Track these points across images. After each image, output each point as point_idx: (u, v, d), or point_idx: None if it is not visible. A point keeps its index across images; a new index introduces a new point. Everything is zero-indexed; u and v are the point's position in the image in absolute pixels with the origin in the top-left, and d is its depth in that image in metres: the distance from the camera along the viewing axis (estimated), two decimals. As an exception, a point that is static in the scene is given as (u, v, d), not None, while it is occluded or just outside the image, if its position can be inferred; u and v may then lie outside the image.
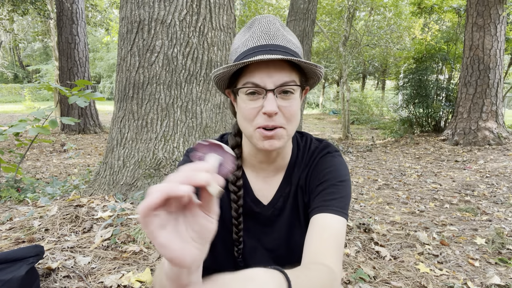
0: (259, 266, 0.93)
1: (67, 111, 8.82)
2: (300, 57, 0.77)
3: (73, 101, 2.91)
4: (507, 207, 3.33)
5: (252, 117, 0.74)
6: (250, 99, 0.74)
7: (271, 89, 0.71)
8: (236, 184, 0.86)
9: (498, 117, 6.89)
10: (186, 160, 0.88)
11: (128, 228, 2.02)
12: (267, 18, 0.77)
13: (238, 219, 0.86)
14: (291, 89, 0.73)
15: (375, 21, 12.78)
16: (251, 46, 0.74)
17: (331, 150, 0.89)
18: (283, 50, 0.73)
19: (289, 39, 0.76)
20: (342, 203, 0.81)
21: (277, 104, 0.72)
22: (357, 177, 4.98)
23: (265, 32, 0.74)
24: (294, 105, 0.75)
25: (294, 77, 0.74)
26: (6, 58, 32.56)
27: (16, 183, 3.05)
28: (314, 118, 18.73)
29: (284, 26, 0.80)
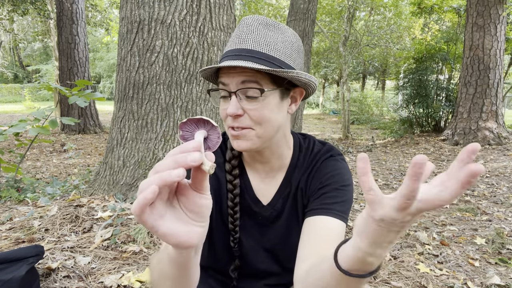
0: (257, 266, 0.93)
1: (67, 111, 8.82)
2: (275, 56, 0.74)
3: (73, 101, 2.91)
4: (507, 207, 3.33)
5: (223, 117, 0.78)
6: (223, 100, 0.78)
7: (232, 91, 0.73)
8: (232, 173, 0.87)
9: (498, 117, 6.89)
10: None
11: (128, 228, 2.02)
12: (247, 19, 0.77)
13: (234, 208, 0.87)
14: (254, 93, 0.72)
15: (375, 21, 12.78)
16: (225, 51, 0.77)
17: (334, 153, 0.89)
18: (248, 55, 0.72)
19: (266, 40, 0.74)
20: (343, 207, 0.81)
21: (240, 106, 0.73)
22: (357, 177, 4.98)
23: (237, 36, 0.76)
24: (262, 108, 0.74)
25: (260, 80, 0.72)
26: (6, 58, 32.55)
27: (16, 183, 3.05)
28: (314, 118, 18.73)
29: (271, 24, 0.76)
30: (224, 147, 0.91)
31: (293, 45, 0.78)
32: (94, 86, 29.27)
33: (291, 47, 0.77)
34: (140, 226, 2.01)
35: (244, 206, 0.89)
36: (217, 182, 0.88)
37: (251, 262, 0.91)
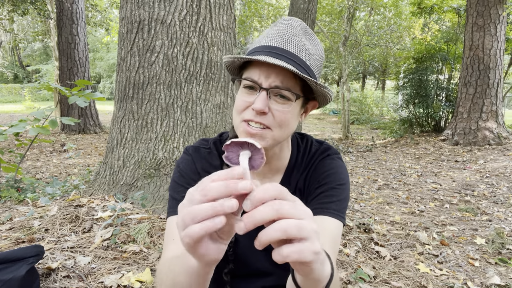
0: (254, 266, 0.92)
1: (67, 111, 8.82)
2: (310, 69, 0.75)
3: (73, 101, 2.91)
4: (507, 207, 3.33)
5: (241, 109, 0.75)
6: (246, 92, 0.75)
7: (265, 88, 0.72)
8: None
9: (498, 117, 6.89)
10: (185, 158, 0.89)
11: (128, 228, 2.02)
12: (290, 20, 0.76)
13: None
14: (286, 95, 0.72)
15: (375, 21, 12.78)
16: (263, 45, 0.75)
17: (331, 152, 0.89)
18: (290, 58, 0.72)
19: (306, 48, 0.75)
20: (339, 206, 0.82)
21: (267, 104, 0.72)
22: (357, 177, 4.98)
23: (280, 34, 0.74)
24: (287, 111, 0.73)
25: (293, 86, 0.73)
26: (6, 58, 32.55)
27: (16, 183, 3.05)
28: (314, 118, 18.72)
29: (310, 34, 0.78)
30: (220, 149, 0.90)
31: (322, 60, 0.81)
32: (94, 86, 29.26)
33: (321, 62, 0.80)
34: (140, 226, 2.01)
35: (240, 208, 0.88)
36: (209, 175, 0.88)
37: (248, 263, 0.91)
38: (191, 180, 0.85)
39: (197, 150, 0.90)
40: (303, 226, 0.42)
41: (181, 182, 0.86)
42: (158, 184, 2.46)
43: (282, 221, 0.42)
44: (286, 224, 0.41)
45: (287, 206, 0.43)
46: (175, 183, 0.87)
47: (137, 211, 2.25)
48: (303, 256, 0.42)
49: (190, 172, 0.87)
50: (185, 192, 0.80)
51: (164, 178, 2.47)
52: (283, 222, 0.42)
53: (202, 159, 0.89)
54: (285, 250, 0.42)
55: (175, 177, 0.88)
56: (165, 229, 1.29)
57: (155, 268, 1.70)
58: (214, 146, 0.91)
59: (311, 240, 0.43)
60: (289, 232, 0.41)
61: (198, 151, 0.90)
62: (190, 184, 0.84)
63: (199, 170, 0.87)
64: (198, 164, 0.88)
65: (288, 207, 0.43)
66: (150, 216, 2.16)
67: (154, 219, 2.12)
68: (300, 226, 0.42)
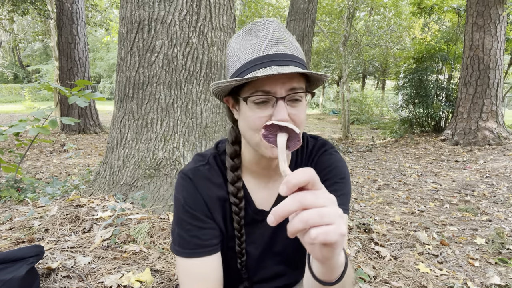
0: (267, 272, 0.93)
1: (67, 111, 8.82)
2: (305, 62, 0.77)
3: (73, 101, 2.91)
4: (507, 207, 3.33)
5: (259, 125, 0.71)
6: (258, 107, 0.71)
7: (282, 96, 0.70)
8: (237, 196, 0.84)
9: (498, 117, 6.88)
10: (186, 187, 0.83)
11: (128, 228, 2.02)
12: (271, 22, 0.74)
13: (240, 231, 0.85)
14: (299, 97, 0.73)
15: (375, 21, 12.78)
16: (258, 56, 0.71)
17: (328, 147, 0.90)
18: (293, 60, 0.72)
19: (295, 45, 0.75)
20: (343, 200, 0.83)
21: (287, 112, 0.71)
22: (357, 177, 4.98)
23: (271, 40, 0.71)
24: (302, 111, 0.74)
25: (302, 84, 0.74)
26: (6, 58, 32.54)
27: (16, 183, 3.05)
28: (314, 118, 18.73)
29: (286, 29, 0.78)
30: (223, 166, 0.87)
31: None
32: (94, 86, 29.26)
33: (300, 48, 0.81)
34: (140, 226, 2.01)
35: (248, 221, 0.87)
36: (220, 204, 0.85)
37: (262, 270, 0.91)
38: (200, 214, 0.81)
39: (196, 172, 0.84)
40: (325, 213, 0.44)
41: (189, 219, 0.81)
42: (158, 184, 2.46)
43: (304, 213, 0.45)
44: (307, 215, 0.44)
45: (309, 196, 0.45)
46: (181, 219, 0.82)
47: (137, 211, 2.25)
48: (329, 237, 0.44)
49: (195, 204, 0.82)
50: (195, 230, 0.81)
51: (164, 178, 2.47)
52: (305, 213, 0.45)
53: (204, 180, 0.84)
54: (313, 232, 0.44)
55: (180, 212, 0.82)
56: (175, 262, 1.26)
57: (155, 268, 1.70)
58: (214, 160, 0.87)
59: (336, 224, 0.45)
60: (310, 222, 0.44)
61: (197, 172, 0.84)
62: (199, 220, 0.81)
63: (204, 198, 0.82)
64: (202, 190, 0.83)
65: (310, 197, 0.45)
66: (150, 216, 2.16)
67: (154, 219, 2.12)
68: (322, 213, 0.44)
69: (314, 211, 0.44)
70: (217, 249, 0.84)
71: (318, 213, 0.44)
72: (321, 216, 0.44)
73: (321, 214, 0.44)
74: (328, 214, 0.45)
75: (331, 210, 0.45)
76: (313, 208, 0.45)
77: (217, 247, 0.84)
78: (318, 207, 0.45)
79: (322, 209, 0.45)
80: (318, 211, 0.44)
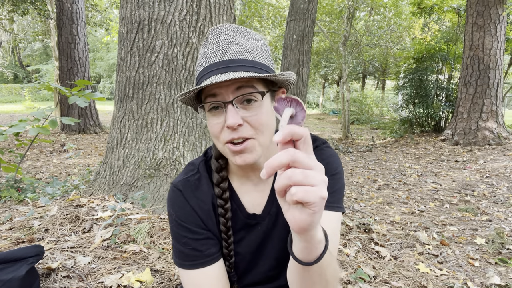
0: (260, 275, 0.92)
1: (67, 111, 8.82)
2: (259, 62, 0.73)
3: (73, 101, 2.91)
4: (507, 207, 3.33)
5: (217, 133, 0.73)
6: (212, 114, 0.72)
7: (229, 100, 0.69)
8: (222, 197, 0.83)
9: (498, 117, 6.88)
10: (176, 199, 0.84)
11: (128, 228, 2.02)
12: (219, 29, 0.74)
13: (227, 233, 0.85)
14: (252, 97, 0.71)
15: (375, 21, 12.78)
16: (206, 65, 0.72)
17: (319, 143, 0.87)
18: (238, 64, 0.70)
19: (247, 46, 0.73)
20: (335, 197, 0.80)
21: (239, 115, 0.70)
22: (357, 177, 4.98)
23: (216, 48, 0.72)
24: (260, 113, 0.72)
25: (255, 85, 0.71)
26: (6, 58, 32.54)
27: (16, 183, 3.05)
28: (314, 118, 18.73)
29: (242, 31, 0.76)
30: (209, 168, 0.87)
31: (267, 49, 0.79)
32: (94, 86, 29.27)
33: (267, 51, 0.78)
34: (140, 226, 2.01)
35: (240, 227, 0.87)
36: (213, 211, 0.85)
37: (255, 274, 0.91)
38: (193, 227, 0.82)
39: (186, 183, 0.85)
40: (309, 174, 0.46)
41: (184, 233, 0.82)
42: (158, 184, 2.46)
43: (289, 170, 0.47)
44: (291, 172, 0.46)
45: (301, 155, 0.47)
46: (176, 233, 0.83)
47: (137, 211, 2.25)
48: (308, 196, 0.46)
49: (187, 218, 0.83)
50: (192, 243, 0.82)
51: (164, 178, 2.47)
52: (289, 170, 0.47)
53: (194, 191, 0.85)
54: (293, 188, 0.46)
55: (174, 226, 0.84)
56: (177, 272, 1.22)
57: (155, 268, 1.70)
58: (204, 166, 0.88)
59: (318, 186, 0.46)
60: (293, 178, 0.46)
61: (187, 183, 0.85)
62: (193, 232, 0.82)
63: (195, 209, 0.83)
64: (193, 202, 0.84)
65: (302, 156, 0.47)
66: (150, 216, 2.16)
67: (154, 219, 2.12)
68: (306, 174, 0.46)
69: (299, 170, 0.46)
70: (218, 257, 0.84)
71: (303, 172, 0.46)
72: (305, 176, 0.46)
73: (306, 174, 0.46)
74: (312, 176, 0.46)
75: (316, 174, 0.47)
76: (302, 167, 0.46)
77: (217, 256, 0.84)
78: (306, 168, 0.46)
79: (308, 171, 0.46)
80: (303, 171, 0.46)
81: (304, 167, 0.47)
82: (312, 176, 0.46)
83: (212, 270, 0.81)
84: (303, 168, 0.47)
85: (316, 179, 0.47)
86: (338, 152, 7.46)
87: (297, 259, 0.59)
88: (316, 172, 0.47)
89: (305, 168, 0.47)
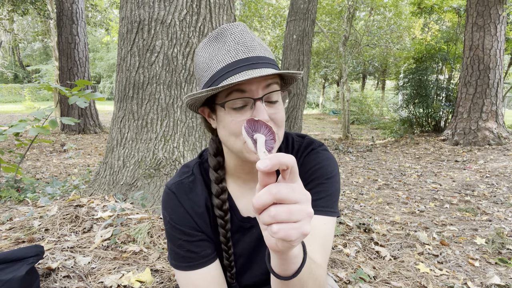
0: (255, 278, 0.92)
1: (67, 111, 8.82)
2: (275, 61, 0.76)
3: (73, 101, 2.91)
4: (507, 207, 3.33)
5: (240, 131, 0.70)
6: (235, 112, 0.70)
7: (259, 97, 0.69)
8: (222, 209, 0.83)
9: (498, 117, 6.88)
10: (170, 202, 0.84)
11: (128, 228, 2.02)
12: (238, 27, 0.73)
13: (227, 244, 0.85)
14: (278, 95, 0.73)
15: (375, 21, 12.78)
16: (230, 61, 0.70)
17: (315, 146, 0.86)
18: (265, 62, 0.71)
19: (264, 47, 0.75)
20: (328, 201, 0.80)
21: (267, 113, 0.70)
22: (357, 177, 4.98)
23: (241, 44, 0.71)
24: (281, 110, 0.74)
25: (277, 84, 0.73)
26: (6, 58, 32.54)
27: (16, 183, 3.05)
28: (314, 118, 18.73)
29: (252, 32, 0.77)
30: (207, 175, 0.86)
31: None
32: (94, 86, 29.27)
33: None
34: (140, 226, 2.01)
35: (235, 230, 0.87)
36: (206, 214, 0.85)
37: (250, 276, 0.91)
38: (187, 229, 0.82)
39: (180, 186, 0.85)
40: (294, 210, 0.44)
41: (178, 235, 0.82)
42: (158, 184, 2.46)
43: (273, 208, 0.45)
44: (275, 211, 0.44)
45: (284, 190, 0.45)
46: (171, 235, 0.83)
47: (137, 211, 2.25)
48: (289, 234, 0.44)
49: (181, 220, 0.82)
50: (187, 245, 0.82)
51: (164, 178, 2.47)
52: (273, 209, 0.44)
53: (188, 194, 0.84)
54: (275, 226, 0.45)
55: (168, 228, 0.83)
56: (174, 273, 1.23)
57: (155, 268, 1.70)
58: (198, 169, 0.87)
59: (301, 222, 0.45)
60: (278, 218, 0.44)
61: (181, 185, 0.85)
62: (188, 234, 0.82)
63: (189, 212, 0.83)
64: (186, 204, 0.83)
65: (285, 190, 0.45)
66: (150, 216, 2.16)
67: (154, 219, 2.12)
68: (291, 211, 0.44)
69: (284, 209, 0.44)
70: (214, 258, 0.84)
71: (287, 210, 0.44)
72: (290, 213, 0.44)
73: (290, 212, 0.44)
74: (297, 211, 0.44)
75: (301, 207, 0.45)
76: (286, 203, 0.45)
77: (212, 256, 0.84)
78: (290, 203, 0.45)
79: (292, 206, 0.44)
80: (288, 208, 0.44)
81: (289, 202, 0.44)
82: (297, 212, 0.44)
83: (207, 271, 0.82)
84: (287, 204, 0.45)
85: (300, 214, 0.45)
86: (338, 152, 7.46)
87: (275, 273, 0.59)
88: (300, 206, 0.45)
89: (290, 203, 0.45)
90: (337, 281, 1.81)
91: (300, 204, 0.45)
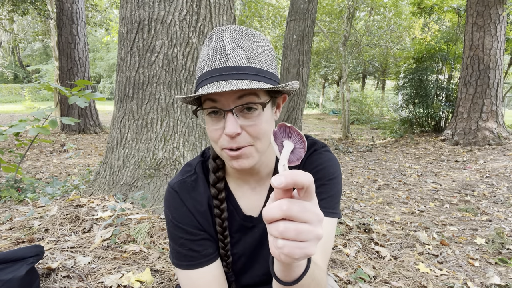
0: (256, 277, 0.92)
1: (67, 111, 8.82)
2: (263, 69, 0.70)
3: (73, 101, 2.91)
4: (507, 207, 3.33)
5: (216, 138, 0.72)
6: (212, 119, 0.71)
7: (229, 109, 0.68)
8: (218, 197, 0.83)
9: (498, 117, 6.88)
10: (173, 201, 0.84)
11: (128, 228, 2.02)
12: (223, 32, 0.71)
13: (223, 233, 0.85)
14: (254, 106, 0.69)
15: (375, 21, 12.78)
16: (207, 70, 0.69)
17: (317, 147, 0.86)
18: (240, 72, 0.67)
19: (252, 51, 0.70)
20: (330, 202, 0.80)
21: (238, 124, 0.68)
22: (357, 177, 4.98)
23: (220, 52, 0.68)
24: (260, 122, 0.70)
25: (258, 93, 0.70)
26: (6, 58, 32.54)
27: (16, 183, 3.05)
28: (314, 118, 18.73)
29: (247, 33, 0.73)
30: (206, 169, 0.87)
31: (272, 53, 0.76)
32: (94, 86, 29.27)
33: (271, 55, 0.75)
34: (140, 226, 2.01)
35: (237, 228, 0.87)
36: (209, 212, 0.85)
37: (251, 275, 0.91)
38: (190, 228, 0.82)
39: (182, 185, 0.85)
40: (303, 230, 0.44)
41: (180, 234, 0.82)
42: (158, 184, 2.46)
43: (281, 224, 0.44)
44: (284, 228, 0.44)
45: (296, 208, 0.44)
46: (173, 234, 0.83)
47: (137, 211, 2.25)
48: (294, 253, 0.44)
49: (183, 219, 0.83)
50: (189, 243, 0.82)
51: (164, 178, 2.47)
52: (282, 225, 0.44)
53: (190, 193, 0.84)
54: (280, 242, 0.44)
55: (170, 227, 0.83)
56: (175, 271, 1.21)
57: (155, 268, 1.70)
58: (201, 167, 0.87)
59: (308, 242, 0.44)
60: (285, 235, 0.44)
61: (183, 185, 0.85)
62: (190, 233, 0.82)
63: (192, 210, 0.83)
64: (189, 203, 0.83)
65: (297, 209, 0.44)
66: (150, 216, 2.16)
67: (154, 219, 2.12)
68: (299, 231, 0.44)
69: (294, 227, 0.43)
70: (215, 257, 0.84)
71: (296, 229, 0.43)
72: (298, 233, 0.43)
73: (299, 231, 0.43)
74: (306, 232, 0.43)
75: (310, 229, 0.44)
76: (295, 221, 0.44)
77: (214, 256, 0.84)
78: (300, 222, 0.44)
79: (301, 226, 0.43)
80: (297, 227, 0.43)
81: (299, 221, 0.44)
82: (305, 232, 0.43)
83: (209, 270, 0.82)
84: (297, 222, 0.44)
85: (308, 235, 0.44)
86: (338, 152, 7.46)
87: (277, 278, 0.59)
88: (310, 226, 0.44)
89: (299, 222, 0.44)
90: (337, 281, 1.81)
91: (310, 225, 0.44)
